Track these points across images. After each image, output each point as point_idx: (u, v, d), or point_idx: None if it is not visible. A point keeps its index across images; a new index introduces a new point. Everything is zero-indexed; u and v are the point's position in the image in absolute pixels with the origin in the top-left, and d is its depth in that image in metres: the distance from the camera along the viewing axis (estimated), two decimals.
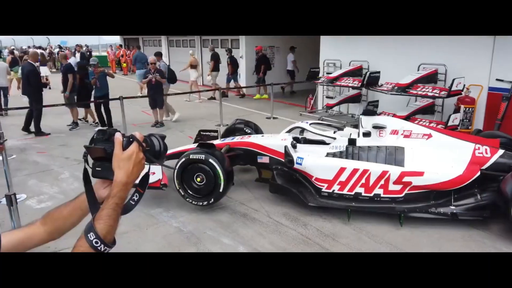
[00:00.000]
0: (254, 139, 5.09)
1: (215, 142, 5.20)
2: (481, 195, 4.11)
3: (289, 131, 5.22)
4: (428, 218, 4.12)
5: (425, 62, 7.99)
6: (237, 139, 5.21)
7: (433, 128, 4.69)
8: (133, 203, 1.10)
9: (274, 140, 4.94)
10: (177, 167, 4.46)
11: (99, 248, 0.95)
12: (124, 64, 21.13)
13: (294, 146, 4.69)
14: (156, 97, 8.91)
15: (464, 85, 7.06)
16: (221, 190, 4.38)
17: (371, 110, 4.84)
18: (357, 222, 4.25)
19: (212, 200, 4.45)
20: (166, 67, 9.82)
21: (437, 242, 3.85)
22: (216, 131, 5.96)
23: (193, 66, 12.09)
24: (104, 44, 52.03)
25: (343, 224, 4.24)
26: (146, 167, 1.11)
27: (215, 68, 12.57)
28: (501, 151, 4.25)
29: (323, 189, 4.37)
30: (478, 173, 4.12)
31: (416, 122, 7.09)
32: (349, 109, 10.02)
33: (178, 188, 4.51)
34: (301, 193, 4.49)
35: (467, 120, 7.15)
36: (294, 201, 4.62)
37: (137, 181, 1.10)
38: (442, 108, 7.87)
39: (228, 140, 5.25)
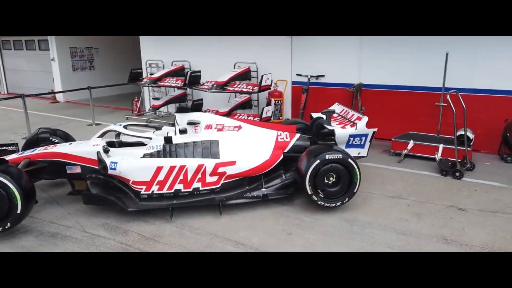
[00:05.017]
0: (61, 148, 4.54)
1: (10, 157, 4.43)
2: (285, 175, 4.65)
3: (101, 136, 4.84)
4: (244, 203, 4.44)
5: (240, 60, 8.62)
6: (39, 150, 4.55)
7: (242, 120, 5.07)
8: None
9: (84, 147, 4.52)
10: None
11: None
12: None
13: (106, 151, 4.37)
14: None
15: (272, 80, 7.92)
16: (19, 212, 3.73)
17: (184, 107, 4.90)
18: (180, 219, 4.26)
19: (9, 224, 3.76)
20: None
21: (252, 223, 4.18)
22: (15, 144, 5.08)
23: None
24: None
25: (166, 224, 4.18)
26: None
27: None
28: (297, 135, 4.89)
29: (142, 192, 4.22)
30: (282, 156, 4.66)
31: (236, 116, 7.62)
32: None
33: None
34: (119, 199, 4.23)
35: (278, 112, 8.06)
36: (114, 209, 4.32)
37: None
38: (258, 102, 8.65)
39: (28, 152, 4.54)
